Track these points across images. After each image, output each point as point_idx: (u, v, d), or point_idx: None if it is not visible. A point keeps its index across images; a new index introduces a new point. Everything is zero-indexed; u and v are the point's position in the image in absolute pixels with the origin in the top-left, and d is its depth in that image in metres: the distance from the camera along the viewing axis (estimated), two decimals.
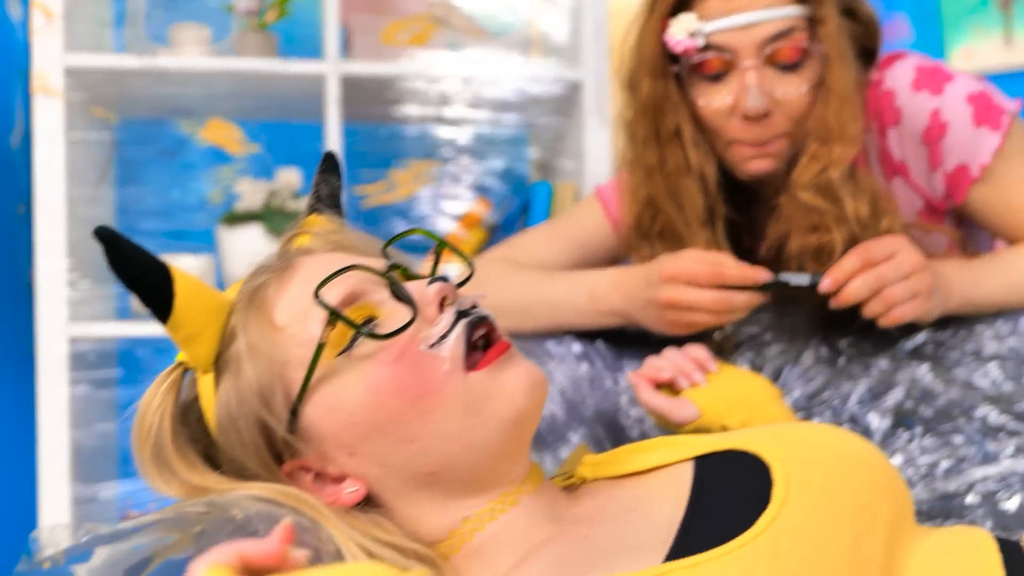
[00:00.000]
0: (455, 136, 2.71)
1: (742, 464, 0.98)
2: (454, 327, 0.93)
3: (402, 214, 2.71)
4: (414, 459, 0.93)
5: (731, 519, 0.90)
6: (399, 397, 0.91)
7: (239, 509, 0.88)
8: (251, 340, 0.94)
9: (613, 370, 1.54)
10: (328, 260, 0.98)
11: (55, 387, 2.17)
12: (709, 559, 0.85)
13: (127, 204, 2.66)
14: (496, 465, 0.95)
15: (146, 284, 0.93)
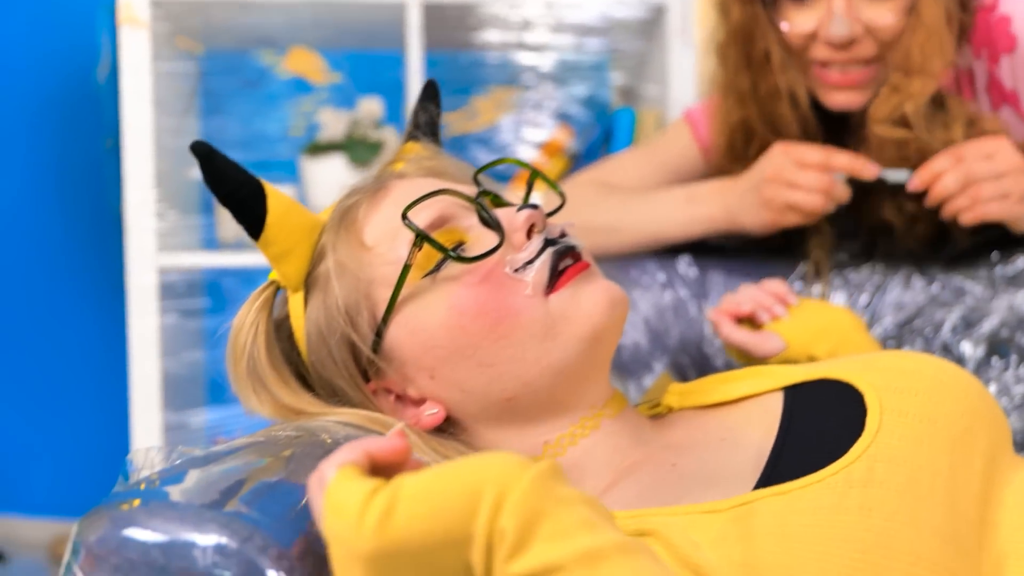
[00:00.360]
0: (537, 62, 2.68)
1: (834, 393, 0.97)
2: (540, 254, 0.93)
3: (484, 142, 2.70)
4: (493, 384, 0.94)
5: (823, 448, 0.89)
6: (479, 320, 0.92)
7: (328, 434, 0.89)
8: (340, 258, 0.95)
9: (698, 298, 1.53)
10: (420, 184, 0.99)
11: (145, 317, 2.21)
12: (800, 486, 0.84)
13: (212, 135, 2.68)
14: (575, 387, 0.96)
15: (239, 200, 0.95)
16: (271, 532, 0.72)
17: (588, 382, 0.97)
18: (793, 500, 0.83)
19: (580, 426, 0.97)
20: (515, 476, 0.69)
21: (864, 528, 0.80)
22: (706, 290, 1.54)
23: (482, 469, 0.70)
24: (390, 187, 0.99)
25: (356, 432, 0.93)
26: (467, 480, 0.69)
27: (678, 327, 1.52)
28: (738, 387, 1.05)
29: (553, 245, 0.94)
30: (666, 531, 0.83)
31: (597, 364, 0.97)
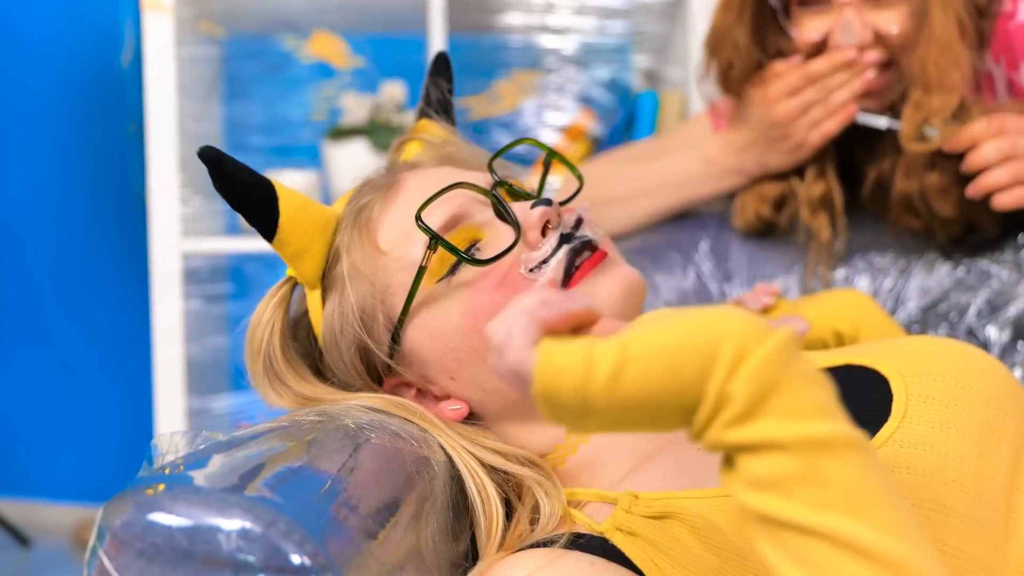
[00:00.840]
0: (559, 45, 2.68)
1: (859, 379, 0.97)
2: (556, 252, 0.93)
3: (506, 126, 2.70)
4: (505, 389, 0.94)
5: None
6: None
7: (351, 418, 0.90)
8: (354, 262, 0.95)
9: (719, 280, 1.53)
10: (433, 176, 0.98)
11: (169, 302, 2.23)
12: None
13: (235, 120, 2.69)
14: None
15: (251, 203, 0.94)
16: (295, 516, 0.72)
17: None
18: None
19: None
20: (755, 340, 0.65)
21: None
22: (729, 273, 1.53)
23: (720, 327, 0.65)
24: (402, 181, 0.99)
25: (379, 417, 0.94)
26: (703, 338, 0.65)
27: None
28: None
29: (568, 241, 0.94)
30: (689, 515, 0.83)
31: None
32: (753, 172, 1.51)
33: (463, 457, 0.93)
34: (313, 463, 0.81)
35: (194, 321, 2.31)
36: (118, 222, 2.86)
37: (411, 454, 0.89)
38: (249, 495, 0.72)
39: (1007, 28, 1.43)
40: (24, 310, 3.02)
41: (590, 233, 0.96)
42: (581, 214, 0.97)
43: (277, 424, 0.88)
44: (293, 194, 0.96)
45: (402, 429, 0.92)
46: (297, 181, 2.44)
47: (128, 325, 2.87)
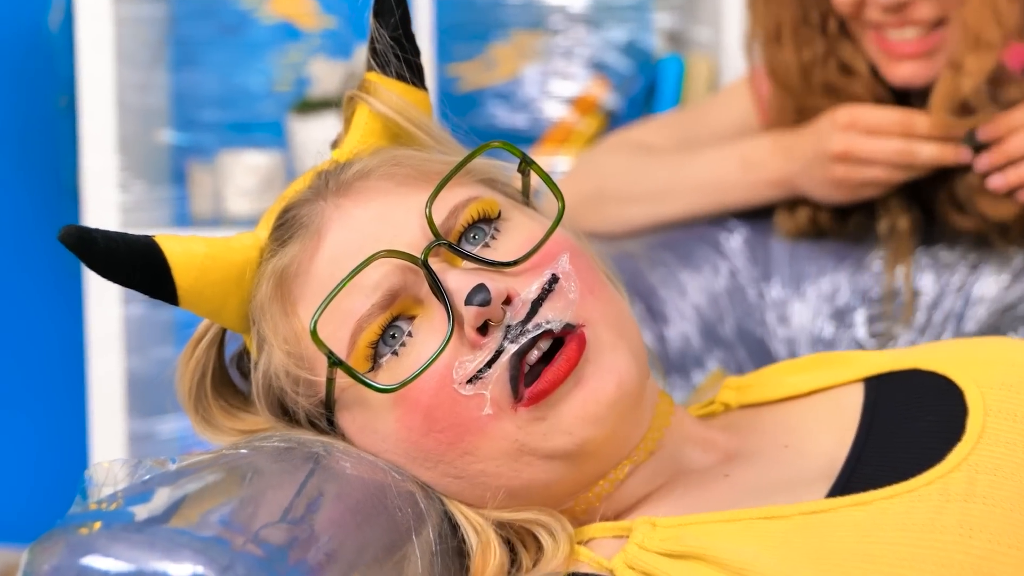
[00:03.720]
0: (566, 1, 2.68)
1: (927, 388, 0.96)
2: (499, 357, 0.88)
3: (503, 98, 2.69)
4: (468, 490, 0.92)
5: (913, 453, 0.88)
6: (432, 438, 0.90)
7: (321, 445, 0.90)
8: (275, 327, 0.95)
9: (758, 280, 1.53)
10: (362, 225, 0.94)
11: (106, 306, 2.23)
12: (885, 496, 0.84)
13: (184, 91, 2.69)
14: (579, 479, 0.93)
15: (142, 281, 0.94)
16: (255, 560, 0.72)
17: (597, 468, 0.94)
18: (876, 513, 0.83)
19: (605, 481, 0.95)
20: None
21: (963, 551, 0.79)
22: (768, 271, 1.53)
23: None
24: (326, 229, 0.94)
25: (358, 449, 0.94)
26: None
27: (734, 315, 1.52)
28: (807, 379, 1.04)
29: (515, 340, 0.88)
30: (715, 548, 0.83)
31: (600, 462, 0.93)
32: (793, 189, 1.49)
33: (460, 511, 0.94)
34: (277, 496, 0.81)
35: (135, 329, 2.31)
36: (46, 211, 2.86)
37: (394, 488, 0.89)
38: (202, 535, 0.72)
39: None
40: None
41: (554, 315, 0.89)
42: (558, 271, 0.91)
43: (235, 450, 0.88)
44: (190, 257, 0.94)
45: (380, 460, 0.92)
46: (259, 163, 2.44)
47: (58, 333, 2.86)
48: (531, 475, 0.90)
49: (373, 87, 1.04)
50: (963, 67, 1.37)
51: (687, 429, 0.99)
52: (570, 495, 0.94)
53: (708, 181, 1.55)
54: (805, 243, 1.53)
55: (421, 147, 1.01)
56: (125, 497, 0.77)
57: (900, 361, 1.01)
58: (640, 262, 1.52)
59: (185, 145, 2.67)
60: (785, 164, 1.48)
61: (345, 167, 0.98)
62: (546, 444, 0.89)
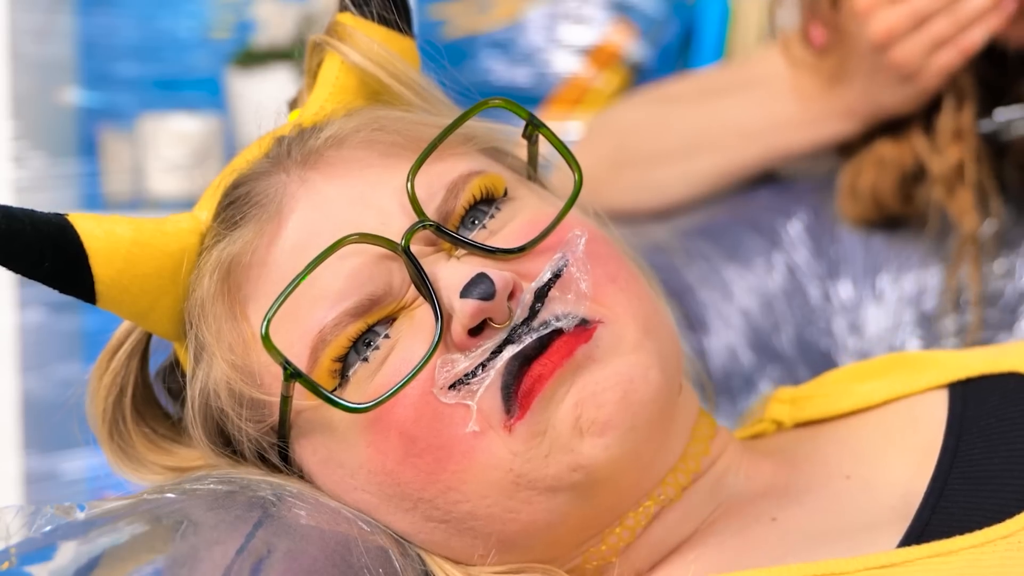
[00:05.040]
0: None
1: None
2: (495, 358, 0.88)
3: (501, 47, 2.69)
4: (454, 540, 0.93)
5: (1012, 484, 0.88)
6: (412, 465, 0.90)
7: (269, 488, 0.90)
8: (218, 332, 0.95)
9: (821, 277, 1.53)
10: (336, 200, 0.94)
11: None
12: (975, 544, 0.84)
13: (95, 39, 2.69)
14: (590, 520, 0.94)
15: (51, 272, 0.92)
16: None
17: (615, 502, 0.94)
18: (964, 566, 0.84)
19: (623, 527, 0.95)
20: None
21: None
22: (836, 267, 1.54)
23: None
24: (294, 203, 0.94)
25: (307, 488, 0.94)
26: None
27: (793, 323, 1.52)
28: (880, 387, 1.04)
29: (517, 341, 0.88)
30: None
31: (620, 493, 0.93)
32: (865, 112, 1.51)
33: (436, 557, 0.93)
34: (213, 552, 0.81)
35: (33, 341, 2.32)
36: None
37: (361, 543, 0.89)
38: None
39: None
40: None
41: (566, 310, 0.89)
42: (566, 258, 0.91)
43: (160, 495, 0.88)
44: (113, 241, 0.93)
45: (345, 507, 0.92)
46: (190, 130, 2.44)
47: None
48: (531, 516, 0.90)
49: (347, 32, 1.03)
50: None
51: (732, 459, 1.00)
52: (579, 544, 0.94)
53: (755, 122, 1.56)
54: (882, 232, 1.53)
55: (407, 108, 1.01)
56: (20, 555, 0.77)
57: (995, 362, 1.01)
58: (673, 256, 1.52)
59: (96, 107, 2.67)
60: (844, 88, 1.50)
61: (313, 132, 0.98)
62: (548, 471, 0.88)
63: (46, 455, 2.32)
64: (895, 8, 1.41)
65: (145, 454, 1.01)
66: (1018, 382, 0.99)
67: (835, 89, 1.51)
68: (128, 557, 0.79)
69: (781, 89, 1.56)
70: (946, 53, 1.42)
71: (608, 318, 0.90)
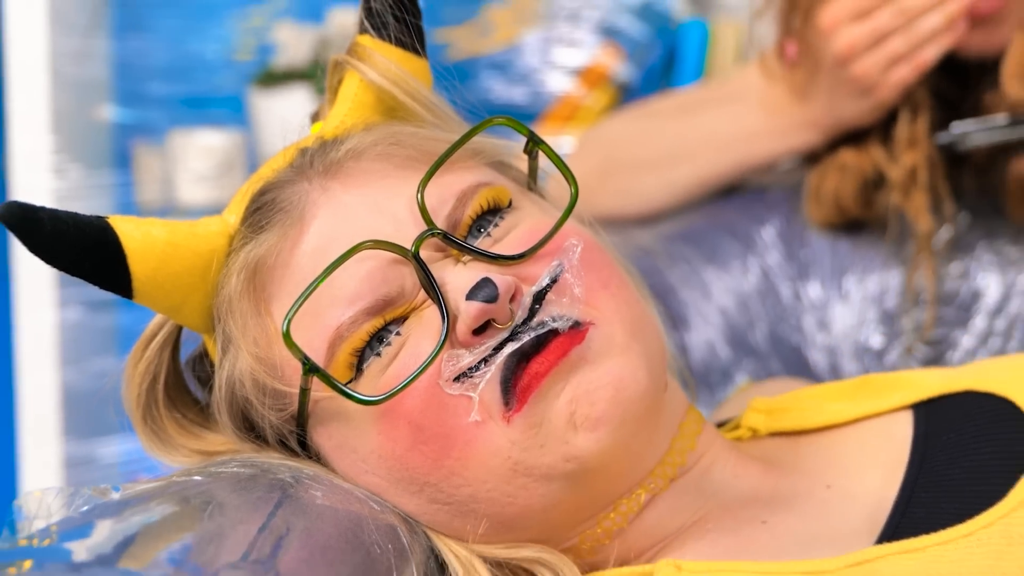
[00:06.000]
0: None
1: (984, 413, 0.97)
2: (496, 354, 0.88)
3: (499, 68, 2.69)
4: (457, 521, 0.93)
5: (971, 490, 0.89)
6: (419, 452, 0.90)
7: (288, 471, 0.90)
8: (244, 327, 0.95)
9: (792, 278, 1.53)
10: (354, 208, 0.94)
11: (38, 310, 2.22)
12: (939, 542, 0.84)
13: (129, 60, 2.68)
14: (582, 505, 0.94)
15: (92, 269, 0.93)
16: None
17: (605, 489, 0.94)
18: (931, 561, 0.84)
19: (615, 512, 0.95)
20: None
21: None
22: (806, 269, 1.54)
23: None
24: (311, 215, 0.95)
25: (323, 470, 0.94)
26: None
27: (767, 320, 1.52)
28: (849, 406, 1.05)
29: (516, 339, 0.88)
30: None
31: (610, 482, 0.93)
32: (828, 124, 1.51)
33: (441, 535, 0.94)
34: (237, 530, 0.81)
35: (72, 336, 2.31)
36: None
37: (372, 521, 0.89)
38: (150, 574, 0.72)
39: None
40: None
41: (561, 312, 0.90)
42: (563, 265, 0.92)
43: (187, 478, 0.88)
44: (149, 242, 0.94)
45: (358, 488, 0.93)
46: (215, 144, 2.44)
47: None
48: (527, 500, 0.90)
49: (366, 52, 1.03)
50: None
51: (718, 455, 0.99)
52: (573, 526, 0.94)
53: (729, 134, 1.56)
54: (848, 236, 1.53)
55: (420, 123, 1.02)
56: (60, 532, 0.77)
57: (953, 382, 1.02)
58: (657, 259, 1.53)
59: (130, 123, 2.67)
60: (808, 101, 1.51)
61: (334, 144, 0.98)
62: (543, 459, 0.88)
63: (84, 441, 2.32)
64: (856, 25, 1.41)
65: (175, 437, 1.01)
66: (973, 400, 0.99)
67: (801, 103, 1.51)
68: (160, 535, 0.79)
69: (752, 104, 1.56)
70: (902, 68, 1.42)
71: (599, 320, 0.90)
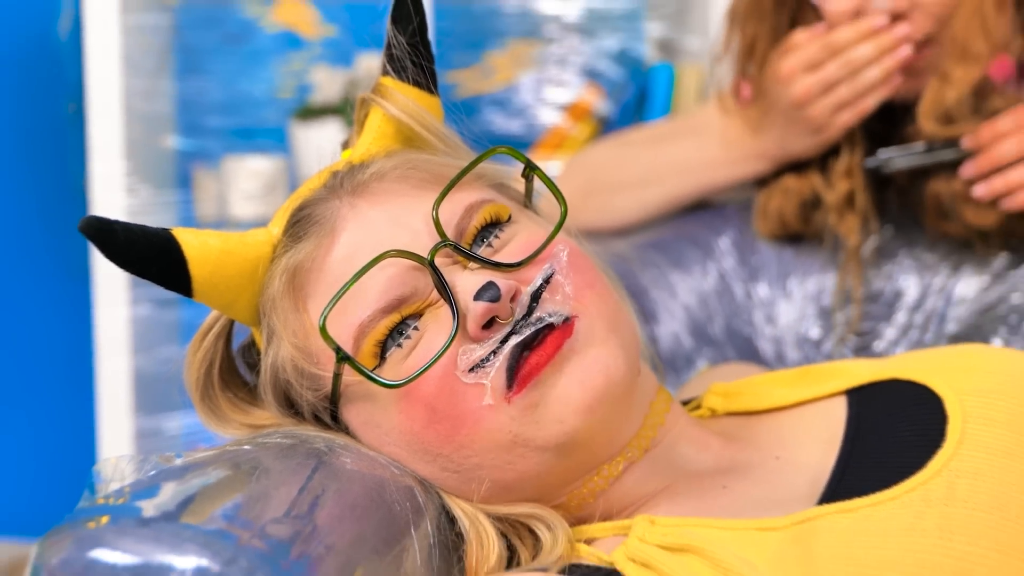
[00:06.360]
0: (561, 11, 2.68)
1: (907, 397, 0.97)
2: (503, 346, 0.89)
3: (500, 104, 2.69)
4: (465, 485, 0.93)
5: (895, 461, 0.89)
6: (432, 429, 0.90)
7: (322, 441, 0.90)
8: (285, 321, 0.95)
9: (744, 280, 1.53)
10: (376, 222, 0.94)
11: (113, 307, 2.23)
12: (869, 504, 0.84)
13: (189, 98, 2.69)
14: (570, 470, 0.94)
15: (158, 273, 0.94)
16: (258, 553, 0.72)
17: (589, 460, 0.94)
18: (862, 519, 0.83)
19: (599, 476, 0.95)
20: None
21: (943, 553, 0.79)
22: (756, 272, 1.53)
23: None
24: (340, 228, 0.95)
25: (353, 442, 0.94)
26: None
27: (723, 315, 1.52)
28: (793, 391, 1.04)
29: (519, 332, 0.89)
30: (711, 546, 0.83)
31: (595, 452, 0.93)
32: (776, 156, 1.51)
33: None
34: (282, 493, 0.81)
35: (142, 329, 2.31)
36: (55, 215, 2.85)
37: (393, 483, 0.89)
38: (206, 528, 0.73)
39: None
40: None
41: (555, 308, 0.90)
42: (553, 267, 0.92)
43: (238, 447, 0.88)
44: (206, 250, 0.94)
45: (381, 456, 0.93)
46: (262, 168, 2.44)
47: (67, 334, 2.86)
48: (524, 466, 0.90)
49: (388, 91, 1.03)
50: (950, 77, 1.38)
51: (683, 429, 0.99)
52: (563, 487, 0.94)
53: (692, 162, 1.56)
54: (791, 245, 1.53)
55: (433, 151, 1.02)
56: (132, 492, 0.77)
57: (881, 371, 1.01)
58: (632, 264, 1.52)
59: (190, 150, 2.67)
60: (761, 135, 1.50)
61: (361, 168, 0.98)
62: (539, 433, 0.89)
63: (152, 416, 2.32)
64: (809, 75, 1.41)
65: (228, 413, 1.01)
66: (897, 387, 0.99)
67: (754, 137, 1.51)
68: (215, 495, 0.79)
69: (712, 137, 1.56)
70: (847, 113, 1.42)
71: (584, 313, 0.91)
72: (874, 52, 1.39)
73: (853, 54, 1.39)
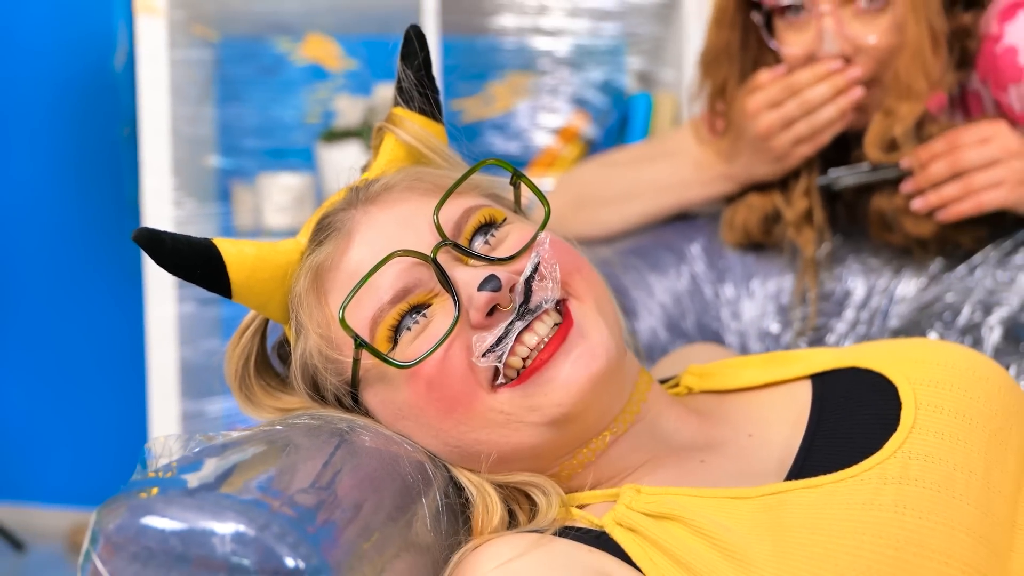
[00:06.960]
0: (553, 47, 2.68)
1: (866, 384, 0.96)
2: (506, 335, 0.89)
3: (500, 128, 2.70)
4: (467, 458, 0.93)
5: (856, 442, 0.89)
6: (434, 406, 0.90)
7: (345, 422, 0.90)
8: (310, 314, 0.95)
9: (713, 281, 1.53)
10: (386, 225, 0.95)
11: (163, 305, 2.22)
12: (832, 481, 0.84)
13: (228, 122, 2.69)
14: (563, 443, 0.93)
15: (201, 276, 0.94)
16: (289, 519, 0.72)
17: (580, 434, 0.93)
18: (826, 494, 0.83)
19: (588, 449, 0.95)
20: None
21: (898, 525, 0.80)
22: (723, 274, 1.53)
23: None
24: (355, 230, 0.95)
25: (372, 422, 0.94)
26: None
27: (694, 312, 1.52)
28: (762, 373, 1.04)
29: (522, 317, 0.89)
30: (690, 513, 0.84)
31: (586, 427, 0.93)
32: (742, 179, 1.51)
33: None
34: (307, 465, 0.81)
35: (188, 324, 2.31)
36: (112, 225, 2.86)
37: (405, 458, 0.89)
38: (243, 498, 0.73)
39: (993, 51, 1.42)
40: (17, 314, 3.02)
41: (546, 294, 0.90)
42: (539, 255, 0.92)
43: (271, 427, 0.88)
44: (242, 257, 0.95)
45: (395, 434, 0.93)
46: (291, 183, 2.44)
47: (122, 328, 2.86)
48: (520, 439, 0.90)
49: (399, 119, 1.05)
50: (896, 113, 1.38)
51: (664, 406, 0.99)
52: (555, 459, 0.94)
53: (668, 181, 1.56)
54: (753, 252, 1.53)
55: (437, 167, 1.03)
56: (179, 466, 0.77)
57: (841, 359, 1.01)
58: (614, 267, 1.52)
59: (229, 168, 2.67)
60: (730, 162, 1.50)
61: (374, 182, 0.99)
62: (537, 412, 0.89)
63: (196, 401, 2.32)
64: (772, 112, 1.41)
65: (262, 399, 1.01)
66: (857, 374, 0.98)
67: (724, 163, 1.51)
68: (251, 468, 0.79)
69: (687, 160, 1.56)
70: (805, 146, 1.43)
71: (575, 295, 0.92)
72: (829, 92, 1.39)
73: (810, 94, 1.39)
